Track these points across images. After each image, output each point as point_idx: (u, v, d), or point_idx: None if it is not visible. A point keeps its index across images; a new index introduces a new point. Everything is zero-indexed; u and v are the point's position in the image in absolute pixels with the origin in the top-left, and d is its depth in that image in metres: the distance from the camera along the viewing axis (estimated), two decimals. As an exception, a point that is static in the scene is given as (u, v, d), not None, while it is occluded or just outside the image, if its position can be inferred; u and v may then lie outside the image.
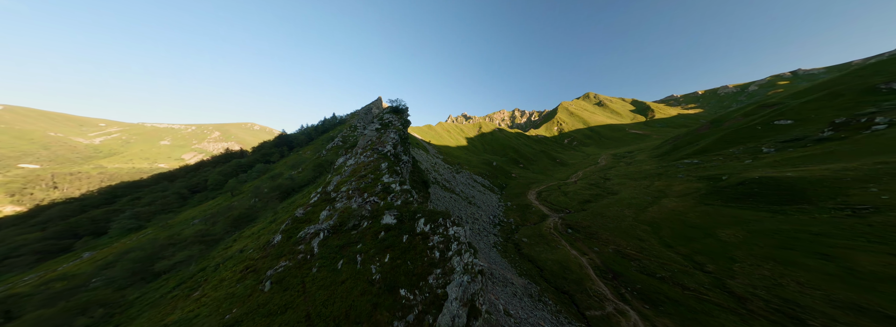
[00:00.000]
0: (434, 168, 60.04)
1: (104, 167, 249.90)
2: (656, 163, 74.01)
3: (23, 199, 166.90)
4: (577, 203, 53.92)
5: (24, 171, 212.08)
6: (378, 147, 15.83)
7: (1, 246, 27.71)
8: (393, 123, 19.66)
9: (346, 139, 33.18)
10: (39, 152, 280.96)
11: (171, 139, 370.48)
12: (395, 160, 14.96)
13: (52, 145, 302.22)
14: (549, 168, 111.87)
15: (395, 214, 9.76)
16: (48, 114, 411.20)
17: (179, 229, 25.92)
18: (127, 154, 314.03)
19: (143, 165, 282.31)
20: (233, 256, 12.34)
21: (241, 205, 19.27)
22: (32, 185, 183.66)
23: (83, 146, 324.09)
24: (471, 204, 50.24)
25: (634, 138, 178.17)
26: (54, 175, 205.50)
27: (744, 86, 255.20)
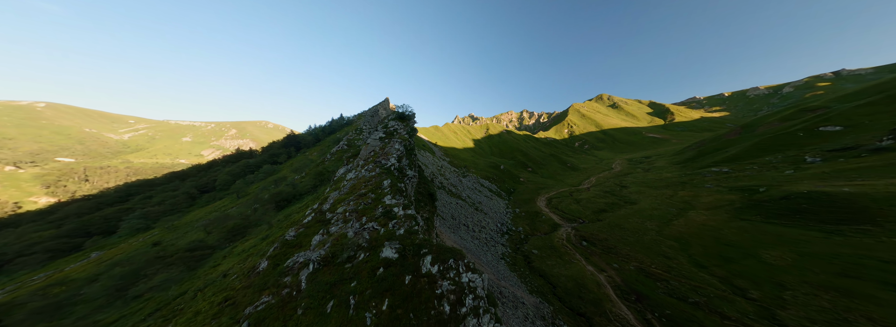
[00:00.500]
0: (440, 171, 58.27)
1: (130, 162, 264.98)
2: (679, 171, 69.10)
3: (57, 191, 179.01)
4: (591, 212, 50.60)
5: (60, 165, 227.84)
6: (381, 159, 14.17)
7: (17, 243, 28.54)
8: (398, 132, 18.12)
9: (351, 143, 32.14)
10: (75, 147, 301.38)
11: (192, 136, 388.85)
12: (400, 175, 13.21)
13: (87, 140, 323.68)
14: (560, 172, 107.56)
15: (397, 247, 7.94)
16: (85, 111, 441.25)
17: (181, 233, 25.50)
18: (152, 149, 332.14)
19: (166, 160, 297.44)
20: (215, 281, 11.11)
21: (238, 214, 18.38)
22: (66, 178, 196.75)
23: (113, 141, 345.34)
24: (477, 210, 48.09)
25: (652, 142, 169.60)
26: (86, 168, 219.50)
27: (777, 88, 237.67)
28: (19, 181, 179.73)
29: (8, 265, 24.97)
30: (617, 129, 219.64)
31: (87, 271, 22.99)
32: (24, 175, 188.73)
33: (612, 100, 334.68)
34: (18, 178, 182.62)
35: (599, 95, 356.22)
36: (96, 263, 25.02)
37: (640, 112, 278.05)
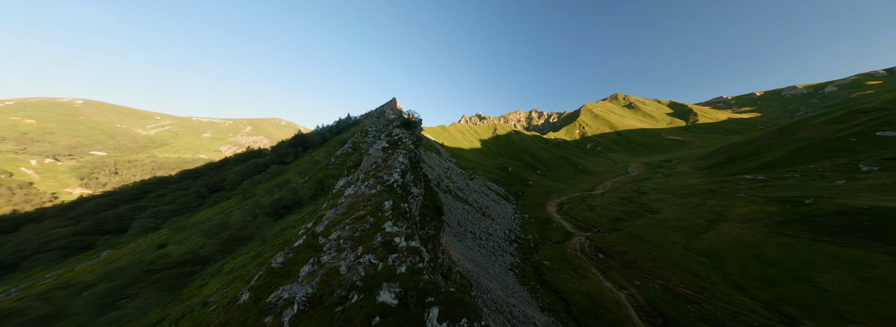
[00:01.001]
0: (446, 174, 56.46)
1: (155, 156, 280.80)
2: (705, 177, 63.94)
3: (89, 183, 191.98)
4: (606, 220, 47.26)
5: (93, 158, 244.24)
6: (383, 174, 12.54)
7: (36, 240, 29.60)
8: (403, 141, 16.51)
9: (356, 146, 31.04)
10: (107, 141, 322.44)
11: (211, 132, 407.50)
12: (403, 193, 11.57)
13: (118, 135, 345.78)
14: (571, 176, 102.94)
15: (397, 291, 6.31)
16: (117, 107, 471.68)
17: (187, 235, 25.25)
18: (175, 145, 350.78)
19: (187, 155, 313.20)
20: (193, 311, 10.02)
21: (238, 221, 17.62)
22: (98, 171, 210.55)
23: (141, 137, 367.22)
24: (484, 216, 46.01)
25: (672, 145, 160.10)
26: (116, 162, 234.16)
27: (818, 87, 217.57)
28: (57, 173, 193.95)
29: (25, 261, 25.84)
30: (633, 131, 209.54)
31: (93, 272, 23.09)
32: (61, 167, 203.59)
33: (628, 99, 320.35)
34: (57, 170, 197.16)
35: (614, 95, 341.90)
36: (104, 264, 25.19)
37: (658, 112, 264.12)
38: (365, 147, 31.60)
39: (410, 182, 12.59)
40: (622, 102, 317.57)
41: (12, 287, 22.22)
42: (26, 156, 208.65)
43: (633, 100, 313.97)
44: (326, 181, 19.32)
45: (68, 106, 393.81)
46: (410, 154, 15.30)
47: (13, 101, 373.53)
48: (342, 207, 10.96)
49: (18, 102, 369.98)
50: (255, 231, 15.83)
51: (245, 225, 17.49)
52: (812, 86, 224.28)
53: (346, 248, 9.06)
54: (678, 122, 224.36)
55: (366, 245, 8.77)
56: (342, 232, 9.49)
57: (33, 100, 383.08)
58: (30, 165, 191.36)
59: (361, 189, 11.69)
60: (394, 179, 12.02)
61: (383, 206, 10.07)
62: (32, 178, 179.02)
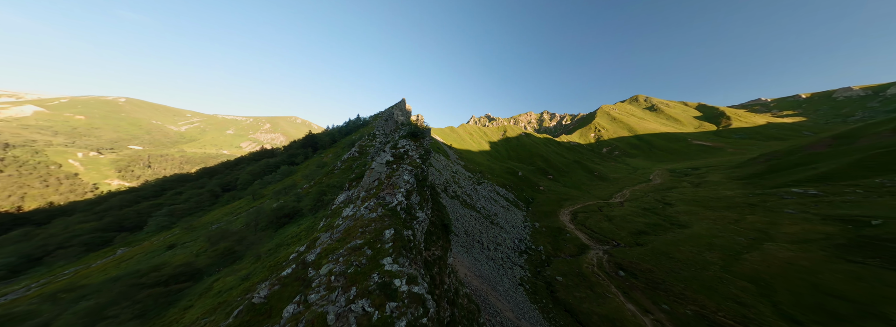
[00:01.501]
0: (454, 178, 54.61)
1: (184, 151, 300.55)
2: (742, 188, 57.71)
3: (126, 175, 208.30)
4: (627, 233, 43.28)
5: (131, 152, 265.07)
6: (385, 194, 11.05)
7: (62, 235, 31.26)
8: (409, 154, 14.91)
9: (363, 150, 30.19)
10: (144, 136, 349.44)
11: (234, 129, 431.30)
12: (407, 218, 10.02)
13: (153, 131, 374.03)
14: (585, 182, 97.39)
15: None
16: (154, 105, 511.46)
17: (196, 235, 25.30)
18: (202, 140, 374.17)
19: (212, 151, 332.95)
20: None
21: (240, 229, 17.11)
22: (134, 164, 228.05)
23: (173, 132, 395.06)
24: (493, 223, 43.66)
25: (699, 151, 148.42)
26: (149, 156, 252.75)
27: (879, 88, 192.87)
28: (100, 165, 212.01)
29: (49, 257, 27.27)
30: (655, 135, 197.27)
31: (105, 272, 23.55)
32: (103, 160, 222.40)
33: (650, 101, 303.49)
34: (99, 163, 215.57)
35: (634, 97, 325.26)
36: (117, 262, 25.76)
37: (685, 116, 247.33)
38: (371, 151, 30.68)
39: (415, 204, 11.06)
40: (643, 104, 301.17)
41: (33, 282, 23.21)
42: (75, 149, 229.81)
43: (655, 102, 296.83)
44: (328, 193, 18.27)
45: (113, 103, 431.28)
46: (417, 170, 13.72)
47: (67, 99, 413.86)
48: (338, 231, 9.66)
49: (71, 100, 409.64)
50: (250, 246, 15.17)
51: (242, 236, 16.93)
52: (871, 87, 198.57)
53: (337, 287, 7.69)
54: (707, 126, 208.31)
55: (360, 285, 7.37)
56: (335, 265, 8.17)
57: (84, 98, 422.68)
58: (76, 157, 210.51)
59: (361, 210, 10.35)
60: (397, 201, 10.55)
61: (383, 236, 8.65)
62: (78, 170, 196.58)
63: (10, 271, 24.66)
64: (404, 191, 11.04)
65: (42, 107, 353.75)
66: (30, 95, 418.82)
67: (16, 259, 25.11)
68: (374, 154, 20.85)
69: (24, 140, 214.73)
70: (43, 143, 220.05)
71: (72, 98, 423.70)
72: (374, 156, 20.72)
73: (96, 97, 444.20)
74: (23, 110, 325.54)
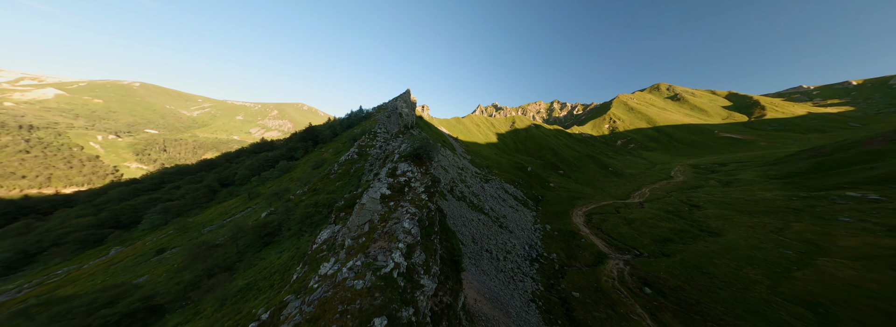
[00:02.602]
0: (461, 176, 51.11)
1: (197, 136, 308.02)
2: (783, 190, 51.40)
3: (143, 158, 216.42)
4: (650, 240, 39.15)
5: (147, 135, 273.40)
6: (377, 250, 7.47)
7: (57, 230, 30.89)
8: (411, 186, 10.76)
9: (362, 151, 27.03)
10: (158, 120, 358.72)
11: (243, 115, 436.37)
12: (408, 287, 6.53)
13: (167, 116, 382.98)
14: (599, 178, 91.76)
15: None
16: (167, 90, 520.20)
17: (188, 238, 23.75)
18: (213, 126, 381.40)
19: (223, 136, 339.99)
20: None
21: (211, 254, 15.00)
22: (150, 147, 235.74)
23: (186, 117, 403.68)
24: (502, 227, 40.68)
25: (727, 144, 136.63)
26: (164, 140, 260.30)
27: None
28: (118, 148, 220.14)
29: (42, 254, 26.92)
30: (676, 126, 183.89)
31: (94, 277, 22.51)
32: (121, 143, 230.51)
33: (674, 90, 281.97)
34: (117, 146, 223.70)
35: (656, 85, 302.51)
36: (106, 265, 24.77)
37: (712, 105, 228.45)
38: (372, 153, 27.55)
39: (419, 265, 7.60)
40: (665, 93, 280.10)
41: (27, 281, 22.68)
42: (94, 132, 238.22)
43: (679, 90, 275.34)
44: (318, 210, 15.53)
45: (128, 88, 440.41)
46: (422, 213, 9.63)
47: (85, 83, 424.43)
48: (311, 301, 6.74)
49: (90, 84, 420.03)
50: (214, 289, 13.04)
51: (215, 264, 14.76)
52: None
53: None
54: (738, 117, 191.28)
55: None
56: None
57: (101, 82, 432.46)
58: (96, 140, 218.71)
59: (343, 273, 7.20)
60: (393, 264, 7.13)
61: (373, 325, 5.67)
62: (98, 152, 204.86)
63: (7, 267, 24.53)
64: (404, 246, 7.69)
65: (62, 90, 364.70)
66: (51, 79, 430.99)
67: (12, 254, 24.97)
68: (373, 162, 17.57)
69: (47, 122, 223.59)
70: (65, 126, 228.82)
71: (90, 82, 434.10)
72: (375, 161, 17.45)
73: (112, 81, 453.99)
74: (45, 93, 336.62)
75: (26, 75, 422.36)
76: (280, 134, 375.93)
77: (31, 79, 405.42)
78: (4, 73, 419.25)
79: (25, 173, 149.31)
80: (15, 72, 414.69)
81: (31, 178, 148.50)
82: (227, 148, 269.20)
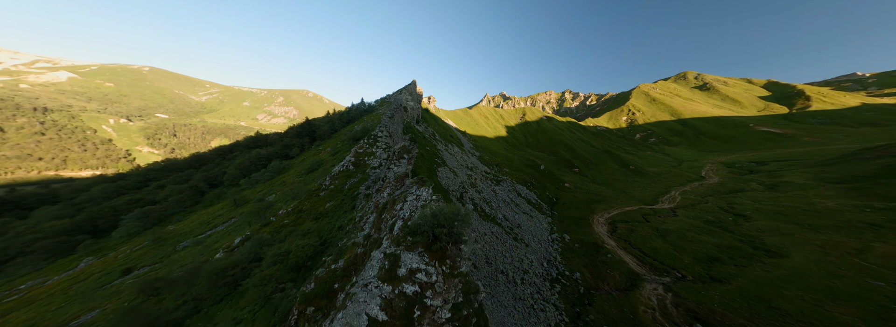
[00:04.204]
0: (470, 179, 45.69)
1: (205, 121, 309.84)
2: (848, 197, 43.13)
3: (154, 143, 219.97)
4: (693, 259, 31.90)
5: (157, 120, 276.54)
6: None
7: (28, 234, 28.46)
8: (426, 300, 5.92)
9: (360, 161, 22.10)
10: (168, 105, 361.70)
11: (250, 101, 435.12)
12: None
13: (176, 101, 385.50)
14: (619, 177, 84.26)
15: None
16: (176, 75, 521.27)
17: (161, 254, 20.32)
18: (221, 111, 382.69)
19: (230, 122, 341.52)
20: None
21: (151, 314, 11.16)
22: (161, 132, 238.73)
23: (195, 102, 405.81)
24: (517, 240, 35.85)
25: (763, 139, 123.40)
26: (174, 125, 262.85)
27: None
28: (129, 132, 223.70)
29: (9, 264, 24.54)
30: (705, 119, 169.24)
31: (53, 299, 19.53)
32: (132, 127, 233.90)
33: (703, 79, 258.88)
34: (129, 129, 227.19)
35: (682, 74, 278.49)
36: (70, 282, 21.82)
37: (747, 95, 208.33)
38: (371, 164, 22.65)
39: None
40: (693, 82, 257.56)
41: None
42: (106, 115, 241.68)
43: (709, 79, 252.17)
44: (286, 273, 10.78)
45: (138, 72, 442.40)
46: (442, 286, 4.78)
47: (97, 66, 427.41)
48: None
49: (101, 67, 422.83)
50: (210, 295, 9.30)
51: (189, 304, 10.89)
52: None
53: None
54: (776, 109, 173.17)
55: None
56: None
57: (112, 66, 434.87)
58: (109, 124, 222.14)
59: None
60: None
61: None
62: (111, 135, 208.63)
63: (-28, 278, 22.43)
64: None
65: (75, 73, 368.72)
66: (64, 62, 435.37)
67: (-21, 263, 22.82)
68: (366, 196, 12.81)
69: (61, 105, 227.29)
70: (78, 109, 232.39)
71: (101, 65, 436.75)
72: (375, 173, 12.51)
73: (123, 65, 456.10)
74: (58, 76, 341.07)
75: (41, 58, 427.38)
76: (286, 121, 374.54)
77: (45, 61, 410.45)
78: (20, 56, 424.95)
79: (42, 155, 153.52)
80: (30, 54, 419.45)
81: (48, 160, 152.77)
82: (235, 134, 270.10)
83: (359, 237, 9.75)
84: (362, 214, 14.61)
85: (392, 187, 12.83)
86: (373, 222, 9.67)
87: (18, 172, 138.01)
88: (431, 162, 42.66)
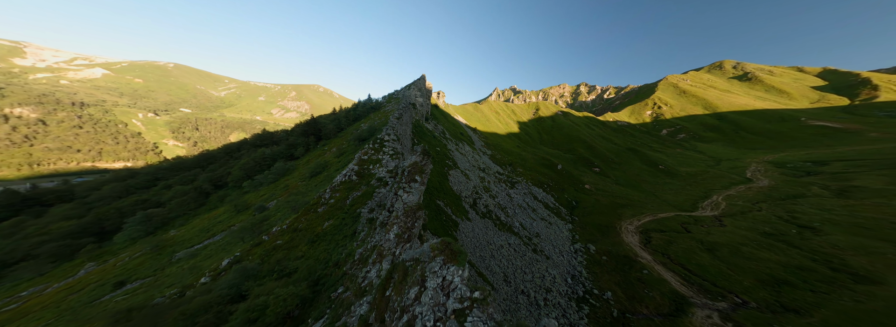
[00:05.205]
0: (483, 182, 41.61)
1: (224, 116, 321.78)
2: None
3: (179, 136, 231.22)
4: (754, 281, 26.35)
5: (181, 114, 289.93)
6: None
7: (36, 236, 28.37)
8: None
9: (364, 169, 18.83)
10: (191, 100, 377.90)
11: (265, 96, 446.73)
12: None
13: (198, 96, 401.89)
14: (646, 178, 76.25)
15: None
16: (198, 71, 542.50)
17: (155, 265, 18.66)
18: (238, 106, 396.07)
19: (247, 116, 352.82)
20: None
21: None
22: (184, 126, 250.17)
23: (215, 97, 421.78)
24: (536, 252, 31.95)
25: (818, 135, 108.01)
26: (196, 119, 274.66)
27: None
28: (157, 126, 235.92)
29: (12, 268, 24.27)
30: (745, 112, 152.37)
31: (45, 312, 18.46)
32: (159, 121, 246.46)
33: (743, 68, 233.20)
34: (156, 123, 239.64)
35: (717, 63, 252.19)
36: (66, 292, 20.79)
37: (797, 86, 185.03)
38: (376, 172, 19.54)
39: None
40: (730, 72, 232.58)
41: None
42: (136, 110, 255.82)
43: (751, 68, 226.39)
44: (269, 311, 8.29)
45: (163, 68, 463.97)
46: None
47: (127, 63, 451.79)
48: None
49: (131, 64, 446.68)
50: None
51: None
52: None
53: None
54: (834, 100, 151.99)
55: None
56: None
57: (141, 63, 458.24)
58: (138, 118, 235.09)
59: None
60: None
61: None
62: (140, 129, 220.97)
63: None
64: None
65: (108, 69, 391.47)
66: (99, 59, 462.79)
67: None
68: (370, 221, 9.89)
69: (97, 100, 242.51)
70: (111, 103, 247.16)
71: (131, 62, 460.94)
72: (365, 238, 9.56)
73: (150, 62, 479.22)
74: (94, 72, 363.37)
75: (79, 55, 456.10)
76: (298, 115, 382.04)
77: (82, 59, 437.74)
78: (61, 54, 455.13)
79: (80, 147, 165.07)
80: (69, 52, 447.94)
81: (85, 152, 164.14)
82: (252, 128, 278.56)
83: (354, 315, 6.60)
84: (363, 252, 11.54)
85: (401, 225, 9.56)
86: (373, 301, 6.54)
87: (60, 163, 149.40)
88: (442, 164, 38.87)
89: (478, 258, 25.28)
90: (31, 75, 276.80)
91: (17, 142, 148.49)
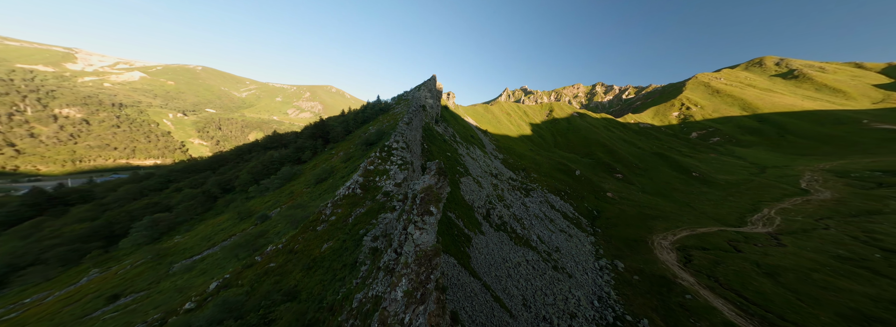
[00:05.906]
0: (497, 190, 38.06)
1: (245, 116, 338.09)
2: None
3: (203, 135, 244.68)
4: (833, 315, 21.25)
5: (206, 114, 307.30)
6: None
7: (49, 239, 28.75)
8: None
9: (369, 181, 16.58)
10: (216, 101, 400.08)
11: (281, 97, 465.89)
12: None
13: (222, 97, 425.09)
14: (678, 186, 68.77)
15: None
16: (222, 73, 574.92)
17: (148, 278, 17.47)
18: (258, 106, 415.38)
19: (266, 116, 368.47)
20: None
21: None
22: (209, 126, 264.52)
23: (237, 98, 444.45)
24: (557, 269, 28.19)
25: (884, 139, 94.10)
26: (220, 119, 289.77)
27: None
28: (184, 125, 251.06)
29: (20, 274, 24.44)
30: (791, 114, 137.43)
31: (41, 323, 17.65)
32: (186, 121, 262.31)
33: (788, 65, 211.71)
34: (184, 123, 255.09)
35: (757, 60, 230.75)
36: (65, 301, 20.07)
37: (855, 84, 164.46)
38: (383, 185, 17.23)
39: None
40: (773, 70, 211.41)
41: None
42: (167, 110, 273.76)
43: (797, 65, 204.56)
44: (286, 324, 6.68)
45: (193, 71, 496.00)
46: None
47: (161, 67, 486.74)
48: None
49: (165, 68, 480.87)
50: None
51: None
52: None
53: None
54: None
55: None
56: None
57: (173, 66, 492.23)
58: (168, 118, 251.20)
59: None
60: None
61: None
62: (170, 128, 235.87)
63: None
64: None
65: (145, 73, 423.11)
66: (137, 63, 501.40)
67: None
68: (375, 253, 7.87)
69: (133, 101, 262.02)
70: (145, 104, 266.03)
71: (165, 66, 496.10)
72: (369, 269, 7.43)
73: (181, 65, 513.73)
74: (132, 75, 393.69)
75: (121, 60, 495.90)
76: (311, 115, 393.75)
77: (124, 63, 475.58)
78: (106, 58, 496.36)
79: (117, 145, 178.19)
80: (112, 57, 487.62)
81: (121, 150, 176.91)
82: (269, 128, 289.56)
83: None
84: (362, 299, 9.07)
85: (412, 279, 6.83)
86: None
87: (99, 160, 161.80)
88: (454, 172, 35.89)
89: (494, 279, 22.10)
90: (79, 79, 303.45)
91: (64, 140, 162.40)
